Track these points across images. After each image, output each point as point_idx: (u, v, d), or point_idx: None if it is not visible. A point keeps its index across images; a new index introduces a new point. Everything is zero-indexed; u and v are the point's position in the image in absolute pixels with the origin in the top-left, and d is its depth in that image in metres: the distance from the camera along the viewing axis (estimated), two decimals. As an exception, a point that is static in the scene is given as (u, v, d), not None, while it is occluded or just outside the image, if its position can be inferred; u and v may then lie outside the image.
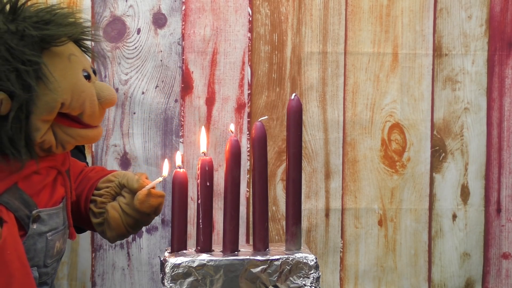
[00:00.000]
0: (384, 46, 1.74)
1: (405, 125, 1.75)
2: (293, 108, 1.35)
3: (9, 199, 1.26)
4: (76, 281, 1.70)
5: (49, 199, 1.31)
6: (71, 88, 1.27)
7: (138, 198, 1.35)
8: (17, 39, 1.24)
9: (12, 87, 1.22)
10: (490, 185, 1.78)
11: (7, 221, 1.24)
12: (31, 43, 1.25)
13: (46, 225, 1.30)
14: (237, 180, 1.35)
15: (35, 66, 1.24)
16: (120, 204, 1.37)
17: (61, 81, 1.26)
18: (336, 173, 1.74)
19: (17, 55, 1.23)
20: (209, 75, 1.71)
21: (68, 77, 1.28)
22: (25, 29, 1.25)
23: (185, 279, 1.30)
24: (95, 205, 1.39)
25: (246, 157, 1.72)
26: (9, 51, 1.23)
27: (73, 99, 1.27)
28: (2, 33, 1.24)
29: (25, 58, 1.24)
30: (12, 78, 1.23)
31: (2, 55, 1.23)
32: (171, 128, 1.70)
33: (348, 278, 1.76)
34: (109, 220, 1.37)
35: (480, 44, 1.75)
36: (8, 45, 1.24)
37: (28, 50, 1.24)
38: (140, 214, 1.37)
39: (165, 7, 1.69)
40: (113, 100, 1.33)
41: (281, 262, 1.33)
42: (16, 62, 1.23)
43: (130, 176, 1.39)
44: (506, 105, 1.77)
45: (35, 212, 1.28)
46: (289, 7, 1.72)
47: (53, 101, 1.25)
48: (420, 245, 1.77)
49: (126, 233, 1.39)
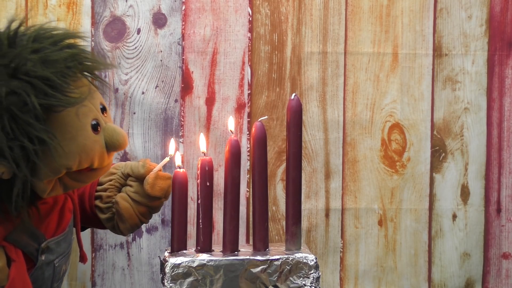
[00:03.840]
0: (384, 46, 1.74)
1: (405, 125, 1.75)
2: (293, 108, 1.35)
3: (18, 236, 1.22)
4: (76, 281, 1.70)
5: (57, 227, 1.28)
6: (79, 151, 1.18)
7: (148, 182, 1.33)
8: (21, 104, 1.09)
9: (16, 170, 1.11)
10: (490, 185, 1.78)
11: (16, 260, 1.21)
12: (37, 108, 1.10)
13: (54, 253, 1.28)
14: (237, 180, 1.35)
15: (44, 145, 1.11)
16: (128, 193, 1.35)
17: (69, 146, 1.17)
18: (336, 173, 1.74)
19: (23, 128, 1.09)
20: (209, 75, 1.71)
21: (76, 139, 1.17)
22: (30, 93, 1.09)
23: (185, 279, 1.30)
24: (100, 200, 1.37)
25: (246, 157, 1.72)
26: (14, 120, 1.08)
27: (82, 159, 1.19)
28: (4, 96, 1.08)
29: (33, 134, 1.10)
30: (17, 156, 1.10)
31: (6, 127, 1.08)
32: (171, 128, 1.70)
33: (348, 278, 1.76)
34: (120, 211, 1.34)
35: (480, 44, 1.75)
36: (12, 112, 1.08)
37: (35, 120, 1.09)
38: (151, 200, 1.34)
39: (165, 7, 1.69)
40: (122, 146, 1.24)
41: (281, 262, 1.33)
42: (22, 137, 1.09)
43: (133, 164, 1.36)
44: (506, 105, 1.77)
45: (44, 244, 1.25)
46: (289, 7, 1.72)
47: (60, 167, 1.17)
48: (420, 245, 1.77)
49: (139, 223, 1.36)
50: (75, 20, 1.66)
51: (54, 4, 1.65)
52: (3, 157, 1.10)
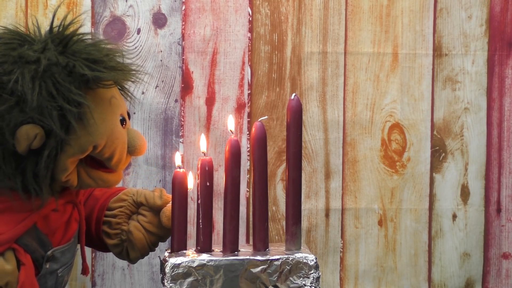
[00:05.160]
0: (384, 46, 1.74)
1: (405, 125, 1.75)
2: (293, 108, 1.35)
3: (28, 240, 1.23)
4: (76, 281, 1.70)
5: (63, 237, 1.29)
6: (108, 133, 1.23)
7: (166, 214, 1.34)
8: (65, 74, 1.19)
9: (53, 126, 1.17)
10: (490, 185, 1.78)
11: (25, 264, 1.22)
12: (79, 81, 1.19)
13: (58, 262, 1.28)
14: (237, 180, 1.35)
15: (80, 108, 1.18)
16: (142, 223, 1.36)
17: (100, 125, 1.22)
18: (336, 173, 1.74)
19: (62, 92, 1.18)
20: (209, 75, 1.71)
21: (107, 121, 1.23)
22: (76, 65, 1.19)
23: (185, 279, 1.30)
24: (109, 226, 1.37)
25: (246, 157, 1.72)
26: (55, 86, 1.17)
27: (107, 144, 1.23)
28: (51, 65, 1.18)
29: (71, 97, 1.18)
30: (54, 116, 1.17)
31: (48, 89, 1.17)
32: (171, 128, 1.70)
33: (348, 278, 1.76)
34: (134, 241, 1.35)
35: (480, 44, 1.75)
36: (55, 79, 1.18)
37: (75, 88, 1.18)
38: (165, 231, 1.36)
39: (165, 7, 1.69)
40: (142, 151, 1.29)
41: (281, 262, 1.33)
42: (61, 100, 1.17)
43: (148, 194, 1.37)
44: (506, 105, 1.77)
45: (50, 252, 1.26)
46: (289, 7, 1.72)
47: (88, 143, 1.21)
48: (420, 245, 1.77)
49: (149, 251, 1.38)
50: (75, 20, 1.66)
51: (54, 4, 1.65)
52: (42, 116, 1.16)
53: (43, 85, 1.17)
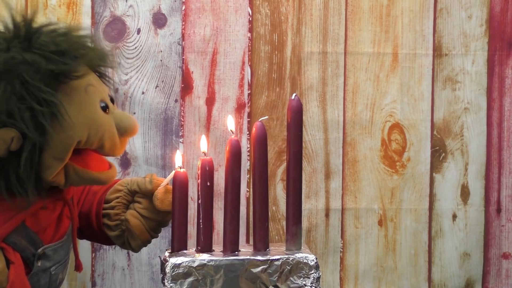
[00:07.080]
0: (384, 46, 1.74)
1: (405, 125, 1.75)
2: (293, 108, 1.35)
3: (16, 239, 1.22)
4: (76, 281, 1.70)
5: (55, 234, 1.28)
6: (88, 123, 1.20)
7: (158, 197, 1.34)
8: (33, 71, 1.15)
9: (25, 129, 1.14)
10: (490, 185, 1.78)
11: (14, 262, 1.20)
12: (48, 76, 1.15)
13: (50, 260, 1.27)
14: (237, 180, 1.35)
15: (51, 108, 1.15)
16: (138, 210, 1.36)
17: (77, 117, 1.18)
18: (336, 173, 1.74)
19: (32, 92, 1.14)
20: (209, 75, 1.71)
21: (85, 111, 1.20)
22: (42, 61, 1.15)
23: (185, 279, 1.30)
24: (108, 218, 1.37)
25: (246, 157, 1.72)
26: (24, 86, 1.13)
27: (90, 134, 1.20)
28: (17, 63, 1.14)
29: (41, 96, 1.14)
30: (26, 118, 1.14)
31: (17, 91, 1.13)
32: (171, 128, 1.70)
33: (348, 278, 1.76)
34: (132, 229, 1.35)
35: (480, 44, 1.75)
36: (23, 78, 1.14)
37: (44, 86, 1.14)
38: (161, 215, 1.36)
39: (165, 7, 1.69)
40: (134, 130, 1.26)
41: (282, 262, 1.33)
42: (31, 101, 1.14)
43: (140, 180, 1.37)
44: (506, 105, 1.77)
45: (41, 250, 1.25)
46: (289, 7, 1.72)
47: (68, 139, 1.18)
48: (420, 245, 1.77)
49: (150, 238, 1.38)
50: (75, 20, 1.66)
51: (54, 4, 1.65)
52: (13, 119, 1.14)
53: (8, 87, 1.14)
